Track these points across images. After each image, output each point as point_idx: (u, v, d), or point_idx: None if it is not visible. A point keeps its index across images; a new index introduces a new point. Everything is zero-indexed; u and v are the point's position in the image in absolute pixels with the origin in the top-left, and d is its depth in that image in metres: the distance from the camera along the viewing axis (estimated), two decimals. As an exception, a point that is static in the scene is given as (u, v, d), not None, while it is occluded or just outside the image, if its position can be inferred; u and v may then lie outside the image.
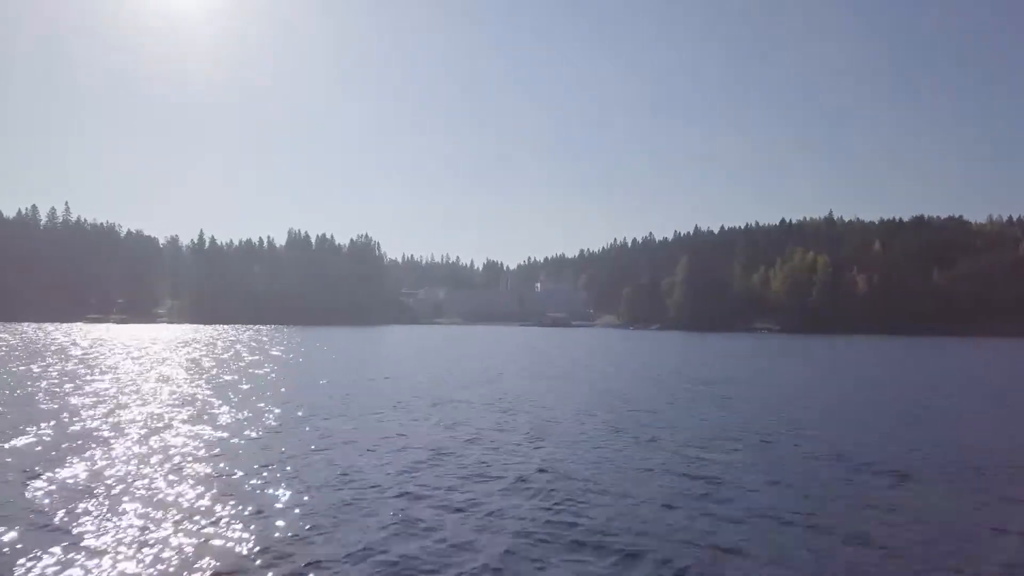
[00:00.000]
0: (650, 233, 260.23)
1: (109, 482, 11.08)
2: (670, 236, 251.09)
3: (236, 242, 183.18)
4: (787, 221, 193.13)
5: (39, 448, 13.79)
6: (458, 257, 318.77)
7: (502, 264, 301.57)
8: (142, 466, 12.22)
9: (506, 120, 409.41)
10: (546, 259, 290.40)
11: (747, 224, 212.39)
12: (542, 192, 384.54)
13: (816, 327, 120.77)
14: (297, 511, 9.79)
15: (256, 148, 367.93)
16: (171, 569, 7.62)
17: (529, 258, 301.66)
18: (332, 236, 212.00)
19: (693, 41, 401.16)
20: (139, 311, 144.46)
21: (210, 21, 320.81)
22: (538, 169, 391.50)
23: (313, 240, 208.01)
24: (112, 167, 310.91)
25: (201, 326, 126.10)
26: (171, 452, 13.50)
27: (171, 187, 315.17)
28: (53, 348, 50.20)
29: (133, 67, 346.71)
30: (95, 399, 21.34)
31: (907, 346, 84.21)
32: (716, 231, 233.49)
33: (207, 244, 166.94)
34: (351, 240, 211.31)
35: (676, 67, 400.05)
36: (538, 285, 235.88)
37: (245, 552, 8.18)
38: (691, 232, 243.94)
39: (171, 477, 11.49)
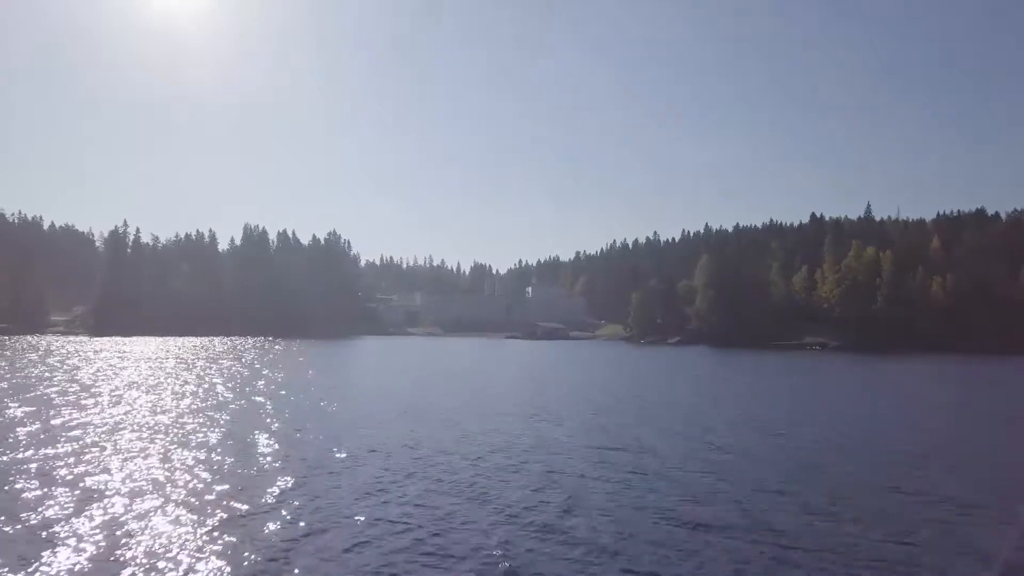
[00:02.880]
0: (655, 233, 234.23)
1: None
2: (677, 236, 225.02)
3: (166, 238, 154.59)
4: (818, 216, 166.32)
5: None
6: (443, 260, 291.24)
7: (490, 267, 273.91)
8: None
9: (496, 116, 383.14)
10: (539, 262, 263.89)
11: (770, 221, 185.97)
12: (534, 190, 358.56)
13: (884, 343, 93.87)
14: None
15: (234, 148, 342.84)
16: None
17: (520, 261, 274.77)
18: (294, 233, 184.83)
19: (690, 34, 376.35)
20: (31, 319, 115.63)
21: (201, 21, 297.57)
22: (530, 165, 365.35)
23: (274, 237, 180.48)
24: (84, 165, 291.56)
25: (94, 339, 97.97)
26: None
27: (151, 188, 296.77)
28: None
29: (121, 67, 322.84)
30: None
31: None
32: (730, 229, 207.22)
33: (130, 239, 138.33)
34: (313, 237, 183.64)
35: (676, 61, 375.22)
36: (529, 290, 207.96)
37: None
38: (701, 231, 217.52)
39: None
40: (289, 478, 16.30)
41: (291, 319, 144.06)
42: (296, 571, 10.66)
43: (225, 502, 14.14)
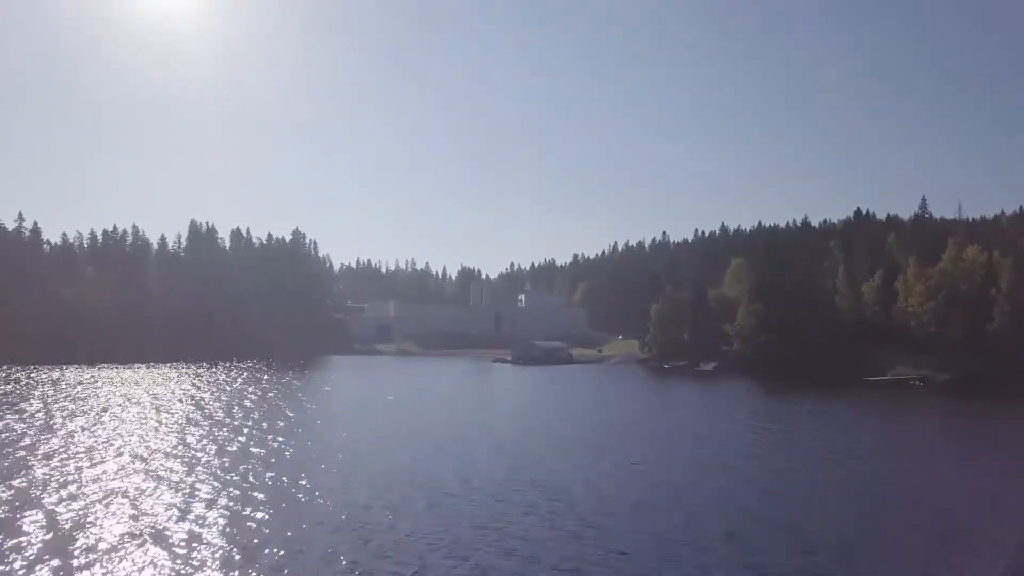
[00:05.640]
0: (664, 233, 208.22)
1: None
2: (690, 236, 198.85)
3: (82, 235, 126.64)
4: (864, 212, 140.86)
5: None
6: (427, 263, 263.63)
7: (479, 272, 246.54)
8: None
9: (487, 111, 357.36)
10: (533, 266, 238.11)
11: (803, 220, 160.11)
12: (526, 188, 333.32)
13: (1011, 375, 67.96)
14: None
15: (217, 149, 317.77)
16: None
17: (512, 264, 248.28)
18: (248, 231, 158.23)
19: (687, 30, 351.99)
20: None
21: (201, 20, 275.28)
22: (521, 161, 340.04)
23: (226, 236, 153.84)
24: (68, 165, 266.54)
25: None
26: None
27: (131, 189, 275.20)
28: None
29: (113, 66, 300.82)
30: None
31: None
32: (749, 230, 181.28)
33: (25, 233, 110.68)
34: (269, 235, 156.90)
35: (678, 56, 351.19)
36: (522, 298, 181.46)
37: None
38: (717, 231, 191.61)
39: None
40: None
41: (234, 336, 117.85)
42: None
43: None
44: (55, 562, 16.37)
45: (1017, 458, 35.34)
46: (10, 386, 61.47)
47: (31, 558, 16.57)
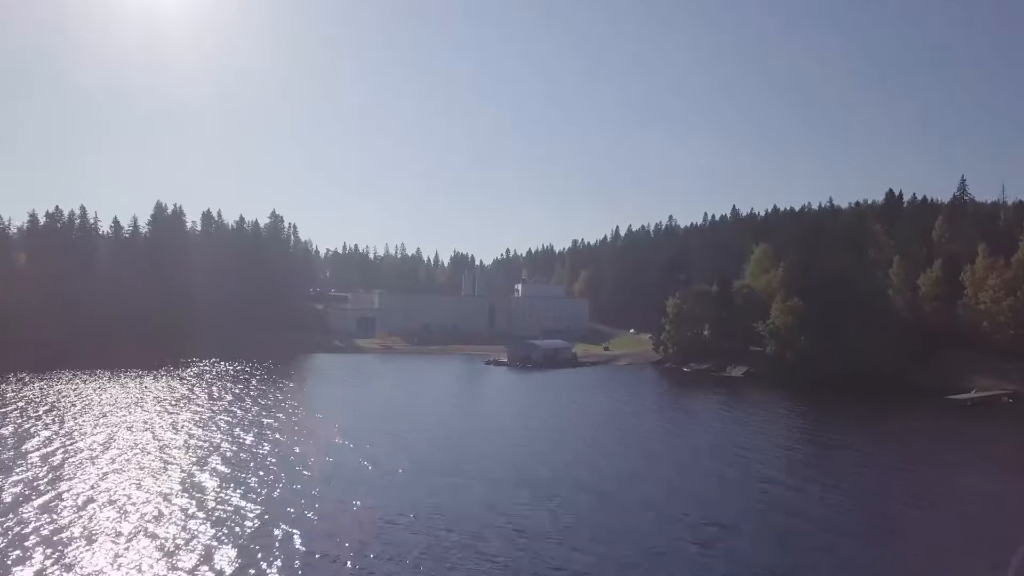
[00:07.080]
0: (670, 217, 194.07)
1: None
2: (698, 220, 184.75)
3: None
4: (896, 194, 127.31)
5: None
6: (418, 248, 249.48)
7: (473, 258, 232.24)
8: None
9: (480, 91, 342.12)
10: (530, 252, 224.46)
11: (830, 201, 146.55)
12: (522, 172, 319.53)
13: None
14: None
15: (206, 139, 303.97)
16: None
17: (508, 251, 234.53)
18: (219, 214, 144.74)
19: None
20: None
21: (185, 3, 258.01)
22: (518, 142, 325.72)
23: (196, 220, 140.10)
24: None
25: None
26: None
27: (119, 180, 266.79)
28: None
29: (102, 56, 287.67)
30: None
31: None
32: (764, 213, 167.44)
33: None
34: (241, 218, 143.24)
35: (682, 44, 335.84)
36: (519, 287, 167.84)
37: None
38: (728, 215, 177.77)
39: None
40: None
41: (194, 334, 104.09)
42: None
43: None
44: None
45: None
46: None
47: None
